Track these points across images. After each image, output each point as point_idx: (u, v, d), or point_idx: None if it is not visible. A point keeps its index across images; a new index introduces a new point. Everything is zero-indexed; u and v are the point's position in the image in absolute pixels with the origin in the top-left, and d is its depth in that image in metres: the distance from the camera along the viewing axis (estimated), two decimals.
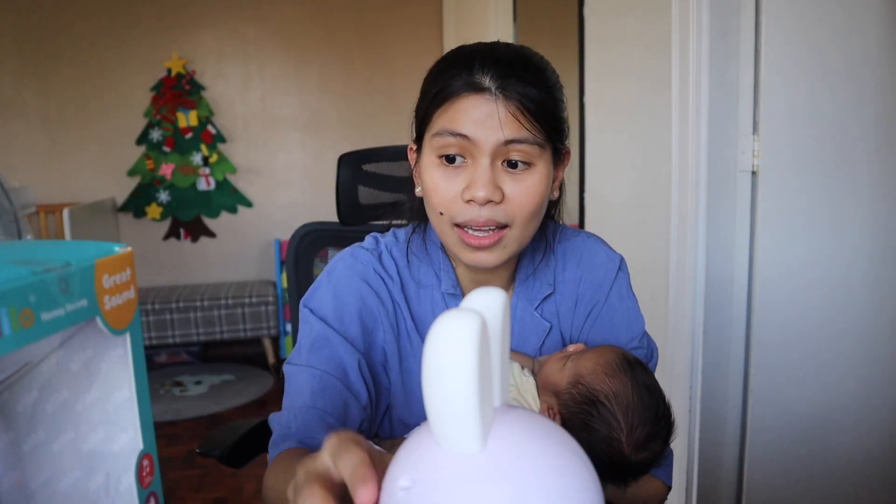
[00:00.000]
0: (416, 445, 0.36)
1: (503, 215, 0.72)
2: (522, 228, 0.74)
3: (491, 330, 0.37)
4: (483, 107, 0.70)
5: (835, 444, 1.55)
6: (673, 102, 1.57)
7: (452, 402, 0.33)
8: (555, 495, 0.33)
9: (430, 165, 0.75)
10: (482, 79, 0.70)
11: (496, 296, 0.38)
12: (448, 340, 0.33)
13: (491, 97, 0.70)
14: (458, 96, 0.71)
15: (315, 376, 0.74)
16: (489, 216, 0.72)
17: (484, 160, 0.71)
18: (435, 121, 0.74)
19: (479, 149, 0.71)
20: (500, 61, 0.71)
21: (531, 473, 0.34)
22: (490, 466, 0.33)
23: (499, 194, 0.71)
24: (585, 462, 0.36)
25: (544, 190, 0.74)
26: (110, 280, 0.40)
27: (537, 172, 0.73)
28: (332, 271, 0.82)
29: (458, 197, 0.72)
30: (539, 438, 0.36)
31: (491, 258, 0.75)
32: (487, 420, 0.34)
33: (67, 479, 0.43)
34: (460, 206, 0.73)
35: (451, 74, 0.72)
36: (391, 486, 0.35)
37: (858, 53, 1.45)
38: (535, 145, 0.71)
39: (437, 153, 0.74)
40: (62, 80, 3.73)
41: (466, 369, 0.32)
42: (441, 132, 0.72)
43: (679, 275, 1.59)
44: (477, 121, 0.70)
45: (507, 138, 0.70)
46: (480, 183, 0.70)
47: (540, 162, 0.73)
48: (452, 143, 0.72)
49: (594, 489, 0.35)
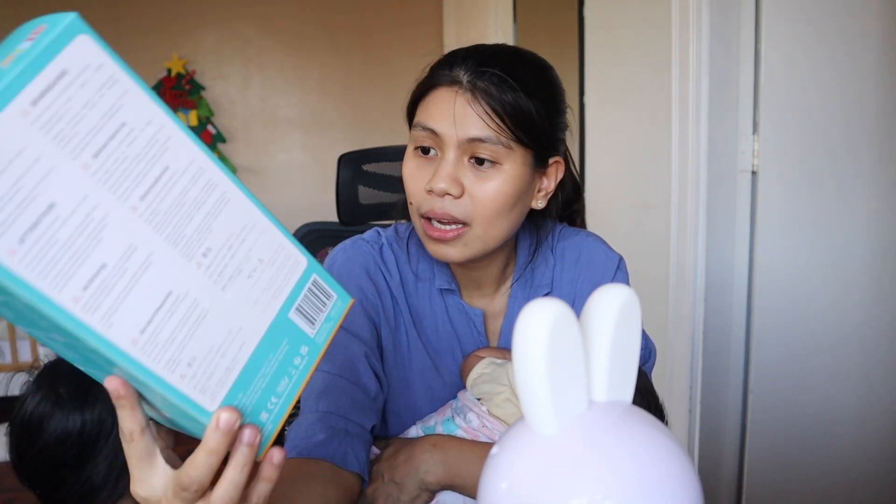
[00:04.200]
0: (520, 422, 0.40)
1: (460, 211, 0.72)
2: (486, 227, 0.73)
3: (594, 326, 0.39)
4: (451, 101, 0.71)
5: (835, 444, 1.55)
6: (673, 102, 1.57)
7: (525, 386, 0.37)
8: (618, 488, 0.34)
9: (408, 156, 0.77)
10: (457, 73, 0.72)
11: (617, 293, 0.39)
12: (520, 329, 0.36)
13: (460, 91, 0.71)
14: (433, 89, 0.73)
15: (319, 377, 0.75)
16: (445, 210, 0.72)
17: (450, 154, 0.72)
18: (417, 113, 0.76)
19: (445, 143, 0.72)
20: (482, 57, 0.72)
21: (601, 464, 0.36)
22: (557, 450, 0.37)
23: (457, 188, 0.72)
24: (681, 464, 0.37)
25: (510, 191, 0.73)
26: None
27: (503, 173, 0.72)
28: (332, 264, 0.83)
29: (424, 187, 0.73)
30: (626, 434, 0.37)
31: (452, 252, 0.74)
32: (568, 408, 0.37)
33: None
34: (424, 197, 0.74)
35: (435, 67, 0.75)
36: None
37: (858, 53, 1.45)
38: (500, 145, 0.71)
39: (413, 145, 0.76)
40: None
41: (533, 357, 0.35)
42: (416, 125, 0.74)
43: (679, 275, 1.59)
44: (445, 115, 0.71)
45: (469, 136, 0.70)
46: (440, 175, 0.71)
47: (508, 163, 0.72)
48: (424, 136, 0.73)
49: (684, 492, 0.36)
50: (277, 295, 0.47)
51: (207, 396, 0.42)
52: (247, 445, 0.43)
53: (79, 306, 0.37)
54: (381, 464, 0.75)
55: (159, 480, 0.44)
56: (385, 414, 0.83)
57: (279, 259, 0.47)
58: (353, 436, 0.72)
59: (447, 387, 0.84)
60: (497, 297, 0.86)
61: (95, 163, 0.38)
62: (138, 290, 0.39)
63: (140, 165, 0.40)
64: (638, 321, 0.40)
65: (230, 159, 3.94)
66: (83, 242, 0.37)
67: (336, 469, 0.68)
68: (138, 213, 0.40)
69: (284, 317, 0.47)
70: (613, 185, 2.00)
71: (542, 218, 0.86)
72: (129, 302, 0.39)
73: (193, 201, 0.42)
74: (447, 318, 0.84)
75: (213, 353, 0.42)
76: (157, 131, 0.41)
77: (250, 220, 0.46)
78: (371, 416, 0.75)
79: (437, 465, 0.72)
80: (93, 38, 0.39)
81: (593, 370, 0.39)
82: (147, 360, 0.39)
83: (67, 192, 0.37)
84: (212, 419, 0.42)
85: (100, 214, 0.38)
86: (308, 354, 0.48)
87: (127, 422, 0.43)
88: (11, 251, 0.34)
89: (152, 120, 0.41)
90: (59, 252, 0.36)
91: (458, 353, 0.85)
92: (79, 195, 0.37)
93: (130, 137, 0.40)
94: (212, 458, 0.42)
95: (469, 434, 0.75)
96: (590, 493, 0.34)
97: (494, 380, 0.76)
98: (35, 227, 0.35)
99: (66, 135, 0.37)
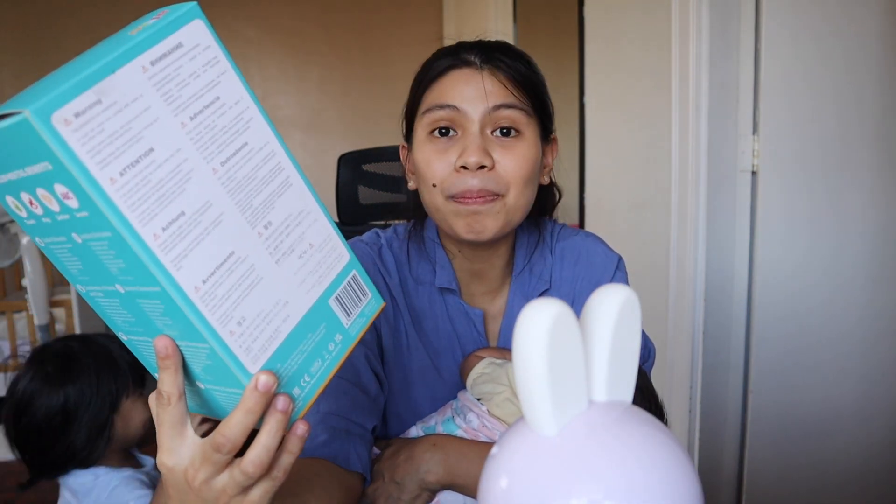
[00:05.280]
0: (520, 422, 0.40)
1: (495, 183, 0.73)
2: (517, 196, 0.74)
3: (594, 326, 0.39)
4: (469, 78, 0.74)
5: (835, 444, 1.55)
6: (673, 102, 1.57)
7: (525, 386, 0.37)
8: (618, 488, 0.34)
9: (422, 143, 0.76)
10: (467, 56, 0.75)
11: (617, 293, 0.39)
12: (520, 329, 0.36)
13: (476, 69, 0.74)
14: (444, 74, 0.75)
15: None
16: (482, 185, 0.72)
17: (474, 128, 0.73)
18: (424, 101, 0.76)
19: (468, 118, 0.73)
20: (483, 43, 0.77)
21: (601, 464, 0.35)
22: (557, 450, 0.37)
23: (489, 160, 0.72)
24: (681, 464, 0.37)
25: (534, 157, 0.76)
26: None
27: (526, 140, 0.75)
28: None
29: (450, 168, 0.73)
30: (626, 434, 0.37)
31: (489, 223, 0.74)
32: (568, 407, 0.37)
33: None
34: (453, 178, 0.73)
35: (436, 58, 0.77)
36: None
37: (859, 53, 1.45)
38: (522, 111, 0.74)
39: (428, 129, 0.75)
40: None
41: (533, 357, 0.36)
42: (431, 108, 0.75)
43: (679, 275, 1.59)
44: (464, 91, 0.73)
45: (494, 104, 0.73)
46: (471, 149, 0.72)
47: (528, 130, 0.75)
48: (443, 115, 0.74)
49: (684, 491, 0.36)
50: (321, 280, 0.50)
51: (251, 358, 0.45)
52: (281, 412, 0.45)
53: (157, 243, 0.40)
54: (381, 463, 0.75)
55: (188, 450, 0.46)
56: (386, 414, 0.84)
57: (326, 248, 0.51)
58: (355, 436, 0.72)
59: (447, 387, 0.84)
60: (497, 298, 0.86)
61: (191, 124, 0.43)
62: (207, 243, 0.43)
63: (226, 135, 0.45)
64: (638, 321, 0.40)
65: None
66: (170, 188, 0.41)
67: (339, 469, 0.69)
68: (218, 175, 0.44)
69: (325, 302, 0.51)
70: (613, 184, 2.00)
71: (541, 216, 0.86)
72: (199, 251, 0.42)
73: (263, 178, 0.47)
74: (447, 318, 0.84)
75: (261, 319, 0.45)
76: (243, 111, 0.46)
77: (306, 207, 0.50)
78: (372, 417, 0.75)
79: (437, 464, 0.72)
80: (205, 23, 0.46)
81: (593, 370, 0.39)
82: (205, 309, 0.42)
83: (165, 142, 0.41)
84: (252, 380, 0.44)
85: (187, 168, 0.42)
86: (341, 343, 0.52)
87: (167, 384, 0.45)
88: (112, 180, 0.39)
89: (240, 100, 0.46)
90: (150, 191, 0.40)
91: (458, 354, 0.85)
92: (173, 147, 0.42)
93: (222, 110, 0.45)
94: (248, 419, 0.44)
95: (469, 434, 0.76)
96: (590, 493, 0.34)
97: (494, 380, 0.76)
98: (135, 164, 0.40)
99: (173, 95, 0.42)
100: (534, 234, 0.87)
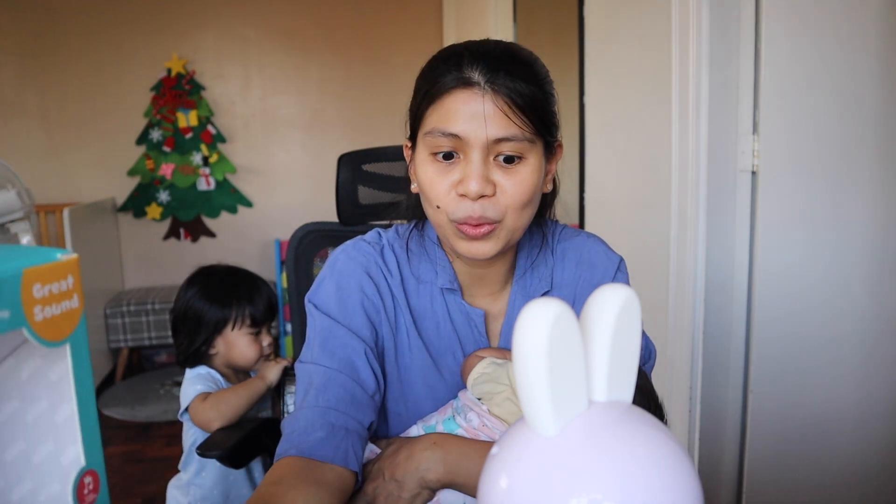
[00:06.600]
0: (520, 422, 0.40)
1: (494, 210, 0.73)
2: (515, 219, 0.75)
3: (594, 326, 0.39)
4: (472, 103, 0.71)
5: (834, 444, 1.55)
6: (673, 102, 1.57)
7: (525, 386, 0.37)
8: (618, 488, 0.34)
9: (424, 162, 0.76)
10: (471, 73, 0.71)
11: (617, 293, 0.39)
12: (520, 329, 0.36)
13: (479, 92, 0.71)
14: (447, 93, 0.72)
15: (320, 372, 0.76)
16: (482, 213, 0.73)
17: (475, 155, 0.72)
18: (427, 119, 0.75)
19: (470, 146, 0.72)
20: (489, 56, 0.72)
21: (602, 464, 0.35)
22: (557, 450, 0.37)
23: (490, 188, 0.72)
24: (681, 464, 0.37)
25: (536, 181, 0.75)
26: (43, 290, 0.37)
27: (529, 165, 0.74)
28: (334, 264, 0.83)
29: (452, 191, 0.74)
30: (626, 434, 0.37)
31: (486, 247, 0.75)
32: (568, 407, 0.37)
33: (20, 490, 0.43)
34: (455, 202, 0.74)
35: (441, 71, 0.73)
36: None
37: (858, 53, 1.45)
38: (525, 141, 0.72)
39: (430, 151, 0.75)
40: (62, 80, 3.72)
41: (533, 357, 0.36)
42: (432, 132, 0.73)
43: (679, 275, 1.59)
44: (467, 119, 0.71)
45: (496, 136, 0.71)
46: (471, 178, 0.71)
47: (531, 155, 0.74)
48: (444, 142, 0.73)
49: (684, 491, 0.36)
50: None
51: None
52: None
53: None
54: (381, 461, 0.75)
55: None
56: (386, 413, 0.84)
57: None
58: (353, 433, 0.72)
59: (448, 386, 0.84)
60: (498, 298, 0.86)
61: None
62: None
63: None
64: (638, 321, 0.40)
65: (230, 159, 3.94)
66: None
67: (337, 469, 0.69)
68: None
69: None
70: (613, 184, 2.00)
71: (543, 217, 0.86)
72: None
73: None
74: (448, 318, 0.85)
75: None
76: None
77: None
78: (369, 413, 0.76)
79: (437, 463, 0.72)
80: None
81: (593, 370, 0.39)
82: None
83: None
84: None
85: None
86: None
87: None
88: None
89: None
90: None
91: (458, 353, 0.85)
92: None
93: None
94: None
95: (470, 433, 0.76)
96: (590, 493, 0.34)
97: (495, 379, 0.76)
98: None
99: None
100: (536, 235, 0.87)
